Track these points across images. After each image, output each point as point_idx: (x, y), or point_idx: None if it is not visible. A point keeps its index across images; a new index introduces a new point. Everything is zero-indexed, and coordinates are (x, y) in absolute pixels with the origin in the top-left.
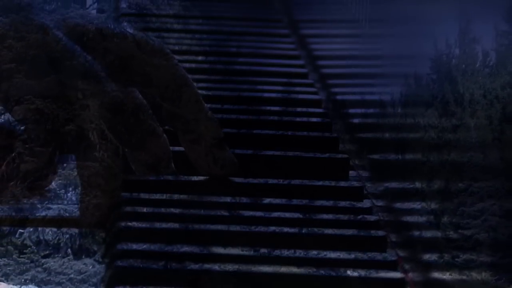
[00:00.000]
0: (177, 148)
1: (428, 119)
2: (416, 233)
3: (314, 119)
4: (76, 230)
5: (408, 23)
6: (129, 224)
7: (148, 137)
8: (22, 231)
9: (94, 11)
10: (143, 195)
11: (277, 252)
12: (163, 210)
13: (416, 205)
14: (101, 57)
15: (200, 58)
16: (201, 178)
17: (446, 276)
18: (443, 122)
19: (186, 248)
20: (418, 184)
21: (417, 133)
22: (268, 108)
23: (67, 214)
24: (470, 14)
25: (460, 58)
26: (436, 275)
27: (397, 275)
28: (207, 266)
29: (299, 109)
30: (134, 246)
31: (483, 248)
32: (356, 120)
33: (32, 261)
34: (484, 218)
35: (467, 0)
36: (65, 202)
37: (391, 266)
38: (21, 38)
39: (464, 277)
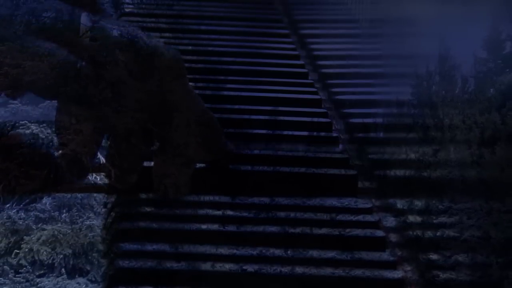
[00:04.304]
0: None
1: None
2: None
3: (313, 119)
4: (70, 251)
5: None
6: (129, 224)
7: (139, 161)
8: (18, 251)
9: (87, 40)
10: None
11: (276, 253)
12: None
13: (399, 224)
14: (94, 83)
15: (199, 58)
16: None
17: None
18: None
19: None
20: (399, 205)
21: (399, 156)
22: (268, 108)
23: (61, 235)
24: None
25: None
26: None
27: (396, 275)
28: (206, 266)
29: (298, 109)
30: (134, 246)
31: (463, 268)
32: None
33: (27, 281)
34: (464, 239)
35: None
36: (59, 224)
37: (391, 266)
38: (17, 65)
39: None
